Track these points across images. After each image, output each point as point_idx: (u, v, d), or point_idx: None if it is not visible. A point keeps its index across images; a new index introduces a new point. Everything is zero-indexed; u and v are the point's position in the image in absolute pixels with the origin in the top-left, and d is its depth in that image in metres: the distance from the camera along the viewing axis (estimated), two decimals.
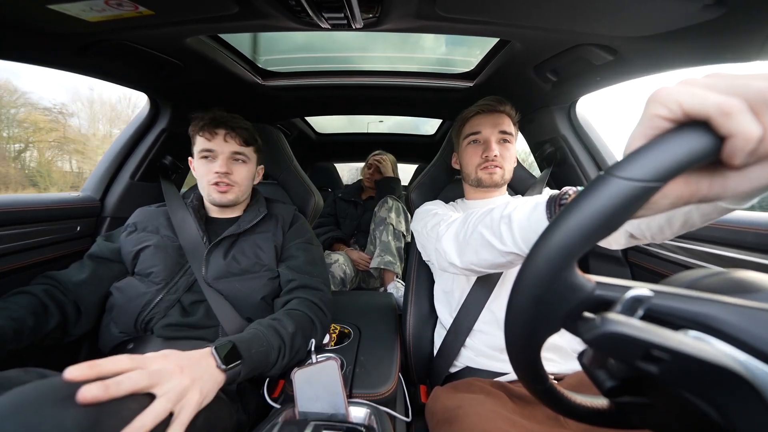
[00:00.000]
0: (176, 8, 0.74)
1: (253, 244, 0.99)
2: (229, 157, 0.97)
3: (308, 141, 2.65)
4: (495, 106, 1.00)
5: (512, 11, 0.75)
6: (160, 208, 1.06)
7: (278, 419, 0.68)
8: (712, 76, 0.28)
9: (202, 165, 0.97)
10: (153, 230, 0.98)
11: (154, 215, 1.02)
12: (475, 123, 1.02)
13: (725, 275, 0.29)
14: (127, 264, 0.95)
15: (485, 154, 0.98)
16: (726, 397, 0.24)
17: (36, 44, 0.82)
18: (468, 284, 0.94)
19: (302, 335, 0.83)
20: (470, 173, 1.03)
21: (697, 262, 0.85)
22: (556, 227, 0.28)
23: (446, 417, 0.70)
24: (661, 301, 0.27)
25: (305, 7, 0.72)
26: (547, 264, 0.28)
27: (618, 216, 0.27)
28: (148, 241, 0.95)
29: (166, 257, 0.93)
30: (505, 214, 0.63)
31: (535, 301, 0.29)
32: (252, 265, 0.96)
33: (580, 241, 0.27)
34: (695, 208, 0.56)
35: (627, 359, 0.25)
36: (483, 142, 1.00)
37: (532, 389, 0.36)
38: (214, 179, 0.95)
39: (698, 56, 0.76)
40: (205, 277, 0.92)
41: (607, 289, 0.29)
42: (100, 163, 1.26)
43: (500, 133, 0.99)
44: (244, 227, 0.99)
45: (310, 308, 0.90)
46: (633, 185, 0.26)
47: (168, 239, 0.96)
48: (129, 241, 0.96)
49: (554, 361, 0.83)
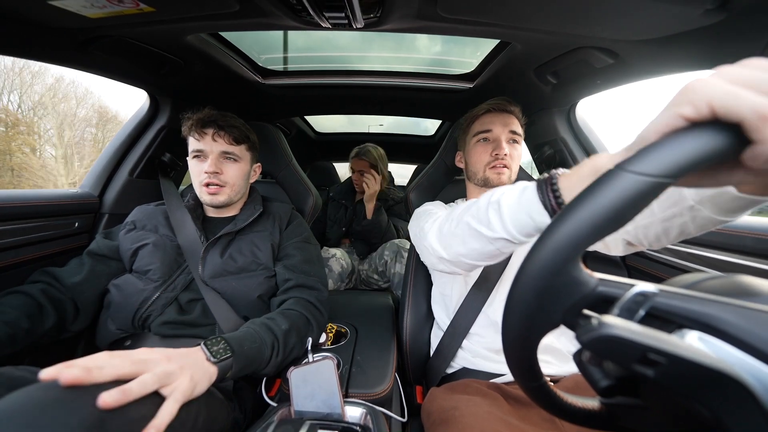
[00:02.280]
0: (177, 5, 0.74)
1: (249, 243, 0.99)
2: (219, 156, 0.96)
3: (307, 140, 2.65)
4: (505, 106, 0.99)
5: (514, 13, 0.75)
6: (159, 206, 1.06)
7: (274, 418, 0.68)
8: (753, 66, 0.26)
9: (194, 165, 0.98)
10: (152, 229, 0.98)
11: (153, 214, 1.02)
12: (485, 121, 1.00)
13: (725, 279, 0.29)
14: (125, 261, 0.95)
15: (495, 152, 0.96)
16: (722, 401, 0.24)
17: (36, 40, 0.82)
18: (465, 288, 0.94)
19: (297, 334, 0.83)
20: (477, 171, 1.01)
21: (695, 266, 0.85)
22: (564, 218, 0.28)
23: (442, 418, 0.70)
24: (664, 300, 0.27)
25: (306, 6, 0.72)
26: (553, 255, 0.28)
27: (628, 210, 0.26)
28: (146, 239, 0.95)
29: (164, 255, 0.93)
30: (493, 200, 0.61)
31: (538, 294, 0.29)
32: (249, 264, 0.96)
33: (589, 234, 0.27)
34: (691, 219, 0.57)
35: (623, 362, 0.25)
36: (493, 141, 0.98)
37: (526, 386, 0.35)
38: (204, 179, 0.95)
39: (699, 60, 0.77)
40: (202, 275, 0.92)
41: (609, 286, 0.29)
42: (99, 159, 1.26)
43: (510, 132, 0.98)
44: (240, 226, 0.99)
45: (306, 307, 0.90)
46: (644, 180, 0.26)
47: (166, 238, 0.97)
48: (128, 238, 0.96)
49: (551, 363, 0.83)
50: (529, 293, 0.29)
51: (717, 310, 0.25)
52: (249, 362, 0.70)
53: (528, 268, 0.29)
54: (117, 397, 0.45)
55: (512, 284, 0.31)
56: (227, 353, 0.65)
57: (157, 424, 0.48)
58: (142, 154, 1.28)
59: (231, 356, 0.65)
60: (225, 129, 0.96)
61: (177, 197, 1.07)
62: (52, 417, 0.40)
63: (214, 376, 0.62)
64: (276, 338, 0.77)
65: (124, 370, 0.49)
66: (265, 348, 0.74)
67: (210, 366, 0.62)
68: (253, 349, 0.71)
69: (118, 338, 0.88)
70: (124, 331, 0.88)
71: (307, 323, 0.88)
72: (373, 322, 1.13)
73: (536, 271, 0.29)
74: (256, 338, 0.74)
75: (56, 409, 0.41)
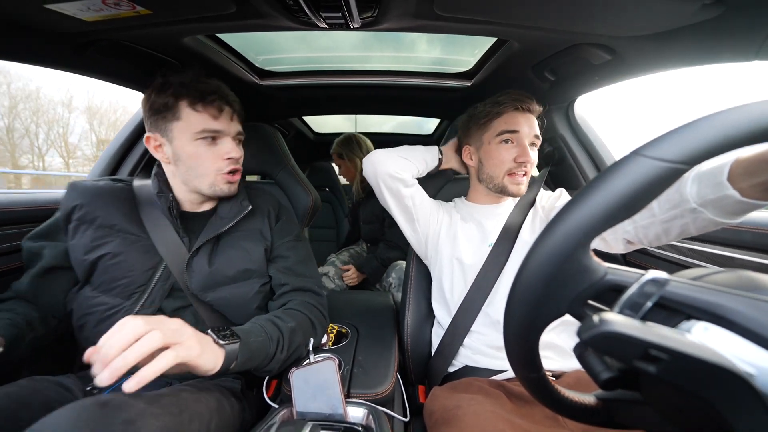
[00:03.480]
0: (174, 7, 0.74)
1: (239, 248, 0.86)
2: (235, 138, 0.84)
3: (306, 141, 2.65)
4: (532, 104, 0.93)
5: (510, 11, 0.75)
6: (104, 183, 0.84)
7: (276, 419, 0.68)
8: None
9: (206, 149, 0.79)
10: (106, 225, 0.78)
11: (100, 198, 0.80)
12: (511, 120, 0.92)
13: (730, 273, 0.29)
14: (78, 272, 0.78)
15: (521, 158, 0.90)
16: (724, 396, 0.24)
17: (32, 44, 0.81)
18: (465, 287, 0.95)
19: (302, 332, 0.80)
20: (495, 176, 0.95)
21: (695, 261, 0.85)
22: (578, 203, 0.28)
23: (444, 417, 0.70)
24: (674, 289, 0.26)
25: (303, 6, 0.71)
26: (564, 240, 0.28)
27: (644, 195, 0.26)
28: (105, 247, 0.77)
29: (132, 265, 0.77)
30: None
31: (545, 280, 0.28)
32: (241, 273, 0.86)
33: (602, 219, 0.27)
34: (692, 221, 0.57)
35: (625, 359, 0.25)
36: (519, 145, 0.91)
37: (524, 377, 0.35)
38: (226, 167, 0.81)
39: (697, 56, 0.76)
40: (192, 288, 0.81)
41: (618, 275, 0.28)
42: (99, 161, 1.27)
43: (534, 137, 0.93)
44: (227, 225, 0.85)
45: (310, 310, 0.87)
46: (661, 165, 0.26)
47: (129, 238, 0.79)
48: (79, 243, 0.77)
49: (552, 359, 0.83)
50: (537, 279, 0.29)
51: (728, 300, 0.25)
52: (254, 354, 0.67)
53: (537, 254, 0.29)
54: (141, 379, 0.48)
55: (519, 270, 0.30)
56: (235, 339, 0.64)
57: (152, 369, 0.49)
58: (142, 155, 1.29)
59: (238, 342, 0.64)
60: (234, 105, 0.82)
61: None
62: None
63: (220, 360, 0.60)
64: (281, 334, 0.74)
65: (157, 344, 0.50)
66: (270, 343, 0.71)
67: (217, 348, 0.60)
68: (258, 341, 0.69)
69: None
70: None
71: (311, 325, 0.85)
72: (373, 322, 1.13)
73: (545, 256, 0.28)
74: (261, 332, 0.71)
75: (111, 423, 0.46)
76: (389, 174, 0.96)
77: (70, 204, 0.79)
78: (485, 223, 1.00)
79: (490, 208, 1.03)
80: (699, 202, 0.54)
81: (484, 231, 0.99)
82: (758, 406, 0.23)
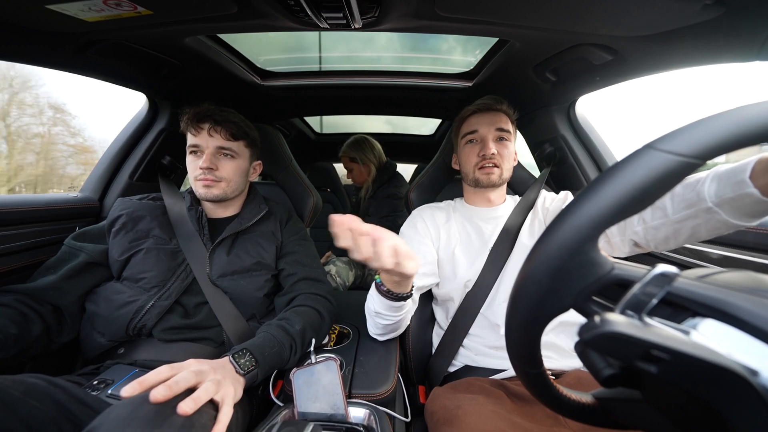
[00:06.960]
0: (175, 8, 0.74)
1: (255, 243, 0.99)
2: (215, 152, 0.94)
3: (307, 141, 2.65)
4: (491, 104, 1.00)
5: (512, 11, 0.75)
6: (145, 201, 1.01)
7: (278, 419, 0.68)
8: None
9: (190, 161, 0.96)
10: (143, 231, 0.93)
11: (141, 210, 0.97)
12: (472, 122, 1.01)
13: (736, 273, 0.29)
14: (113, 269, 0.90)
15: (482, 152, 0.97)
16: (725, 396, 0.24)
17: (34, 44, 0.81)
18: (464, 290, 0.95)
19: (312, 329, 0.86)
20: (468, 173, 1.03)
21: (697, 261, 0.85)
22: (588, 195, 0.27)
23: (445, 417, 0.70)
24: (682, 285, 0.26)
25: (304, 6, 0.72)
26: (573, 233, 0.27)
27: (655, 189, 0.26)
28: (139, 246, 0.91)
29: (159, 262, 0.90)
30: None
31: (551, 273, 0.28)
32: (254, 264, 0.97)
33: (612, 212, 0.26)
34: (704, 222, 0.57)
35: (626, 359, 0.25)
36: (480, 141, 0.99)
37: (524, 373, 0.35)
38: (198, 175, 0.94)
39: (698, 56, 0.76)
40: (210, 275, 0.92)
41: (625, 270, 0.28)
42: (99, 163, 1.26)
43: (497, 131, 0.98)
44: (246, 224, 1.00)
45: (317, 301, 0.93)
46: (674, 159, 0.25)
47: (160, 241, 0.93)
48: (119, 243, 0.90)
49: (552, 359, 0.83)
50: (543, 272, 0.28)
51: (736, 298, 0.25)
52: (271, 367, 0.74)
53: (544, 247, 0.28)
54: (192, 405, 0.53)
55: (524, 263, 0.30)
56: (252, 365, 0.70)
57: (224, 422, 0.57)
58: (142, 157, 1.28)
59: (256, 368, 0.70)
60: (222, 124, 0.94)
61: (178, 198, 1.05)
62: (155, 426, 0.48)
63: (244, 386, 0.68)
64: (293, 339, 0.80)
65: (192, 381, 0.57)
66: (284, 350, 0.77)
67: (239, 377, 0.68)
68: (273, 353, 0.75)
69: (110, 347, 0.85)
70: (115, 342, 0.85)
71: (320, 317, 0.90)
72: None
73: (553, 249, 0.28)
74: (274, 343, 0.77)
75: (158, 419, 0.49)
76: (391, 326, 0.89)
77: (115, 214, 0.95)
78: (484, 227, 1.01)
79: (486, 211, 1.05)
80: (716, 201, 0.54)
81: (482, 237, 0.99)
82: (759, 406, 0.23)
